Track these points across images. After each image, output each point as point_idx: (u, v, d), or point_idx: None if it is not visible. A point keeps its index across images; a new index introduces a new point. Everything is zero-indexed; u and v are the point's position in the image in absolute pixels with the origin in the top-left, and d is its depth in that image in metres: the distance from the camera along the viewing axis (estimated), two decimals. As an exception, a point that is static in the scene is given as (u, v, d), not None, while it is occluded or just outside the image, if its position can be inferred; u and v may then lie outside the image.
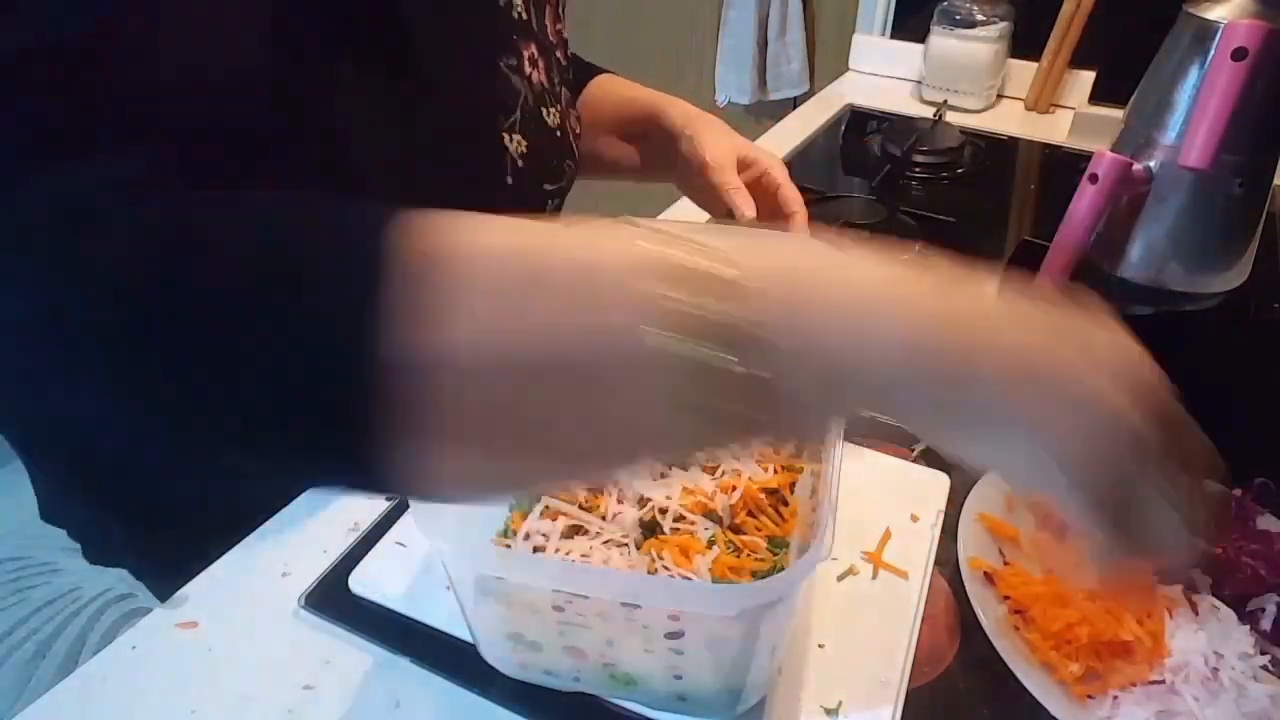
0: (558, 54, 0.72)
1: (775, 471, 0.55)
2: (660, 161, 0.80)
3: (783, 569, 0.48)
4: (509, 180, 0.62)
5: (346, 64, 0.49)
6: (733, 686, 0.45)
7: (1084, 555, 0.33)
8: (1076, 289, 0.32)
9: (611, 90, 0.86)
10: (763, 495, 0.53)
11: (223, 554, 0.56)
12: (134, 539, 0.72)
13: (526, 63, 0.64)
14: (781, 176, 0.74)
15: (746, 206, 0.70)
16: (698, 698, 0.45)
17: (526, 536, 0.51)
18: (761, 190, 0.73)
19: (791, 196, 0.73)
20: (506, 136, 0.62)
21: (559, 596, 0.40)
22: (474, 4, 0.59)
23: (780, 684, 0.48)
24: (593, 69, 0.89)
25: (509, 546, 0.51)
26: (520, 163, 0.63)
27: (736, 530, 0.52)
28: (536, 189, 0.67)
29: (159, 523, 0.68)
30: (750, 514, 0.52)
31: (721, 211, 0.72)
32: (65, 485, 0.70)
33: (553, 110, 0.68)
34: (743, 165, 0.74)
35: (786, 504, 0.53)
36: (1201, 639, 0.49)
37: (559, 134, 0.69)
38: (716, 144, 0.73)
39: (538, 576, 0.40)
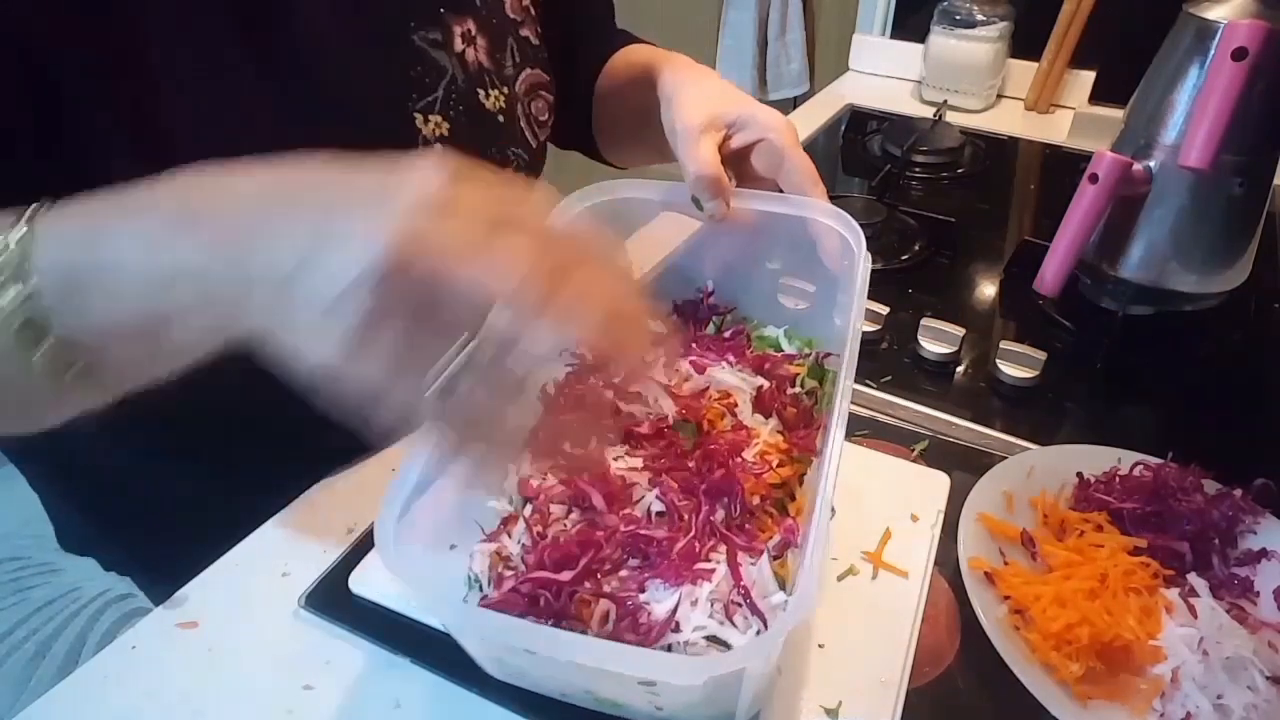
0: (523, 32, 0.65)
1: (781, 465, 0.52)
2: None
3: (781, 581, 0.46)
4: None
5: (176, 17, 0.45)
6: (718, 716, 0.44)
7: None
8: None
9: (626, 60, 0.73)
10: (773, 488, 0.50)
11: (223, 554, 0.56)
12: (103, 531, 0.72)
13: (458, 39, 0.59)
14: (784, 141, 0.56)
15: (707, 192, 0.53)
16: None
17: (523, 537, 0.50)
18: (764, 160, 0.57)
19: (798, 167, 0.55)
20: (420, 117, 0.57)
21: None
22: None
23: (780, 684, 0.48)
24: (624, 38, 0.77)
25: (505, 538, 0.48)
26: (438, 147, 0.58)
27: (751, 513, 0.49)
28: None
29: (139, 525, 0.68)
30: (761, 500, 0.50)
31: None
32: (54, 491, 0.70)
33: (494, 93, 0.62)
34: (735, 128, 0.57)
35: (794, 498, 0.52)
36: (1199, 641, 0.49)
37: (501, 119, 0.62)
38: (693, 106, 0.56)
39: (502, 634, 0.38)
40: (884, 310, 0.78)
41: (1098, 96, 1.26)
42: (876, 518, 0.58)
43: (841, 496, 0.60)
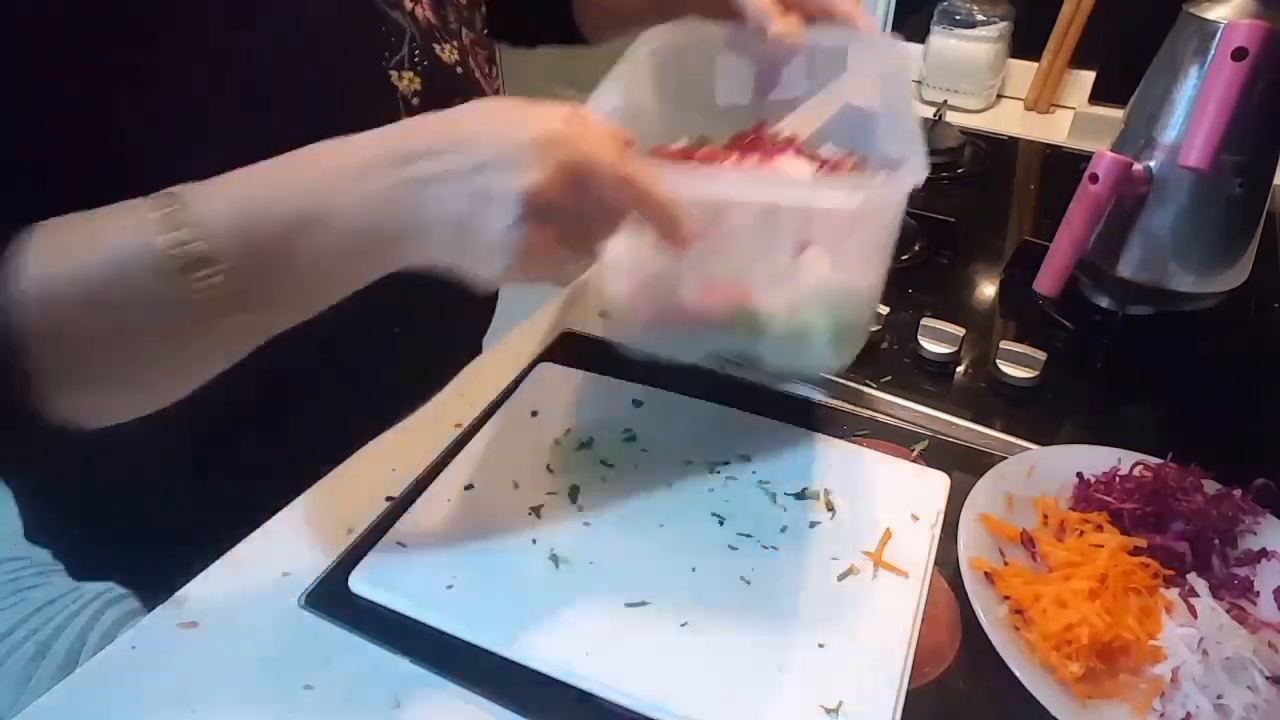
0: None
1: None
2: None
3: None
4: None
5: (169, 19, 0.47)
6: (841, 325, 0.50)
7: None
8: None
9: None
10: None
11: (223, 554, 0.56)
12: (120, 555, 0.72)
13: None
14: None
15: (769, 15, 0.55)
16: (810, 339, 0.50)
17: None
18: None
19: None
20: (395, 74, 0.59)
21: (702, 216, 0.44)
22: None
23: (780, 684, 0.48)
24: None
25: None
26: (415, 100, 0.60)
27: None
28: None
29: (146, 538, 0.68)
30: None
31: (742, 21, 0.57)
32: (50, 505, 0.70)
33: (447, 47, 0.64)
34: None
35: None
36: (1199, 641, 0.49)
37: (459, 70, 0.65)
38: None
39: (686, 184, 0.43)
40: (884, 310, 0.78)
41: (1098, 96, 1.26)
42: (876, 518, 0.58)
43: (842, 496, 0.60)
